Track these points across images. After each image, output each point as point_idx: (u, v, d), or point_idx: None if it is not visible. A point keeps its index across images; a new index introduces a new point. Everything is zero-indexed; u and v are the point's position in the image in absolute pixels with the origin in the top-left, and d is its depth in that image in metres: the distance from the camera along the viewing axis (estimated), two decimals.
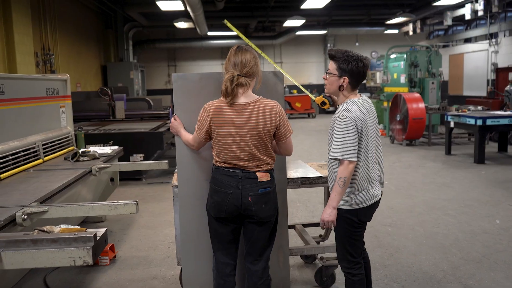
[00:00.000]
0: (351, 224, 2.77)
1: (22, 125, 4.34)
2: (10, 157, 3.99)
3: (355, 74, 2.69)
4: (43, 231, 2.34)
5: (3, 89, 3.96)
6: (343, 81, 2.70)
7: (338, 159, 2.62)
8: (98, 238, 2.31)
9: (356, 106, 2.68)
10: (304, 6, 13.41)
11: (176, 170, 3.09)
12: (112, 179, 5.48)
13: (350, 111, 2.64)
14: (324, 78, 2.82)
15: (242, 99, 2.60)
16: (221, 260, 2.80)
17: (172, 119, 2.98)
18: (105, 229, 2.46)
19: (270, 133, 2.62)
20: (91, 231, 2.34)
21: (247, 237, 2.76)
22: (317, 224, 4.43)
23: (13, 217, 2.74)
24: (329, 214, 2.65)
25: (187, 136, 2.86)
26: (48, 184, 3.60)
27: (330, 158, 2.68)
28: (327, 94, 2.91)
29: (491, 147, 10.06)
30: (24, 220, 2.76)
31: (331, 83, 2.75)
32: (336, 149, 2.62)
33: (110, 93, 9.04)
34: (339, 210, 2.72)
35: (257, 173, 2.63)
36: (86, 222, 5.24)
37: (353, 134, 2.60)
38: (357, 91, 2.80)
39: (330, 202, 2.66)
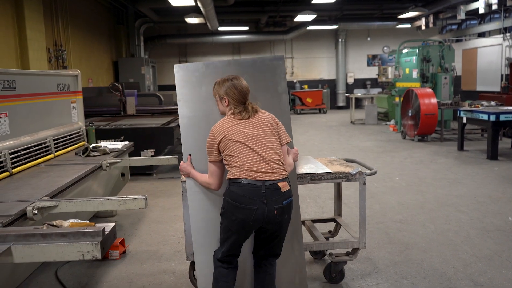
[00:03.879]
0: None
1: (34, 121, 4.39)
2: (22, 152, 4.04)
3: None
4: (53, 225, 2.36)
5: (15, 85, 4.00)
6: None
7: None
8: (106, 232, 2.32)
9: None
10: (315, 0, 13.33)
11: None
12: (122, 174, 5.52)
13: None
14: None
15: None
16: (234, 253, 2.80)
17: (181, 162, 3.00)
18: (114, 224, 2.47)
19: (272, 125, 2.82)
20: (99, 225, 2.35)
21: (266, 242, 2.80)
22: (327, 220, 4.42)
23: (24, 211, 2.78)
24: None
25: (202, 177, 2.88)
26: (59, 179, 3.64)
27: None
28: None
29: (505, 143, 9.93)
30: (34, 214, 2.79)
31: None
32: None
33: (121, 88, 9.09)
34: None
35: (278, 184, 2.64)
36: (97, 216, 5.29)
37: None
38: None
39: None
